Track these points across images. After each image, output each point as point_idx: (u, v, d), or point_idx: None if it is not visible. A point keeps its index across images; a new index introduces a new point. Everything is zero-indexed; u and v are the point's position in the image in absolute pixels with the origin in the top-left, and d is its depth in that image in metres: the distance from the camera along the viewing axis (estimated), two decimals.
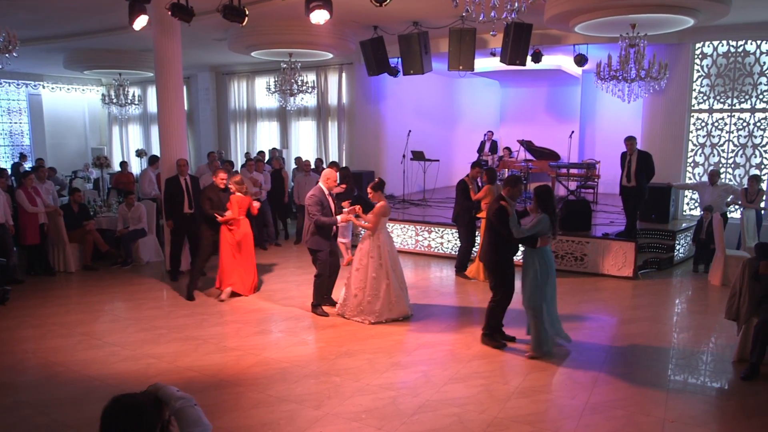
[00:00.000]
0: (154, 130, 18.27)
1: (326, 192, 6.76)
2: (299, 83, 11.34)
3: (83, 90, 18.62)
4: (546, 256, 5.65)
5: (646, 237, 9.34)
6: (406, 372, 5.26)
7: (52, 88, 18.09)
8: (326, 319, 6.69)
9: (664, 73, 8.11)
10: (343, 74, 14.07)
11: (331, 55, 11.42)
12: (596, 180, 12.31)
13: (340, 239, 8.65)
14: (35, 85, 17.90)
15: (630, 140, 8.53)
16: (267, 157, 13.29)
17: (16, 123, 17.94)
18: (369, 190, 6.75)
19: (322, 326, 6.48)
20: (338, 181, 9.23)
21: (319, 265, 6.81)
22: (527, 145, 13.31)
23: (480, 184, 8.64)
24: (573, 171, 12.58)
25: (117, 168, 15.15)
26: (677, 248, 9.34)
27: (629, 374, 5.20)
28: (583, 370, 5.26)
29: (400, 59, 10.67)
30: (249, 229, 7.74)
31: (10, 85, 17.49)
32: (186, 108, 17.05)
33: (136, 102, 14.70)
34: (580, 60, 10.40)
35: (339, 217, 6.74)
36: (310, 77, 13.19)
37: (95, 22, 10.46)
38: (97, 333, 6.33)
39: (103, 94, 15.52)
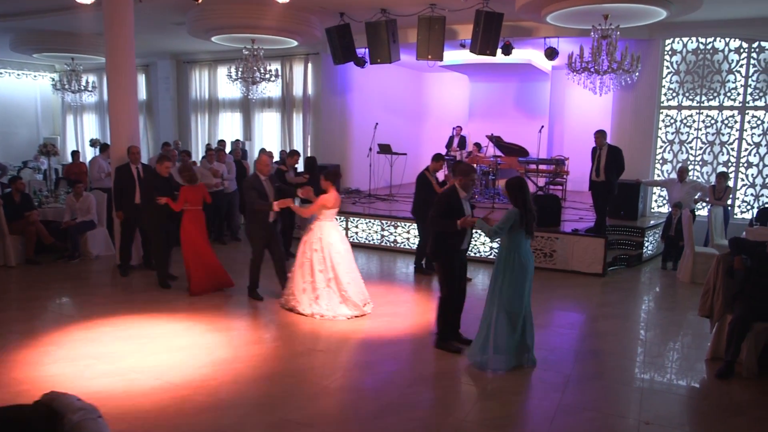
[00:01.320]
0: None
1: (262, 178, 6.72)
2: (262, 71, 10.86)
3: (35, 76, 17.70)
4: (523, 254, 4.92)
5: (615, 234, 9.21)
6: (367, 373, 4.92)
7: (0, 74, 17.15)
8: (284, 315, 6.30)
9: (636, 66, 7.95)
10: (309, 64, 13.64)
11: (295, 43, 10.98)
12: (565, 176, 12.18)
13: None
14: None
15: (599, 134, 8.36)
16: (229, 148, 12.77)
17: None
18: (321, 177, 6.50)
19: (280, 324, 6.09)
20: (304, 170, 8.90)
21: (253, 250, 6.83)
22: (496, 141, 13.09)
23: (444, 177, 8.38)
24: (542, 167, 12.41)
25: (68, 157, 14.39)
26: (646, 245, 9.24)
27: (601, 374, 4.97)
28: (553, 370, 5.00)
29: (367, 50, 10.33)
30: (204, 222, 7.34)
31: None
32: (145, 97, 16.49)
33: (90, 89, 13.98)
34: (551, 53, 10.23)
35: (275, 203, 6.52)
36: (275, 67, 12.71)
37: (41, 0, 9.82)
38: (33, 331, 5.79)
39: (53, 79, 14.70)
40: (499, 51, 9.99)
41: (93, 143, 13.67)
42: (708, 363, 5.25)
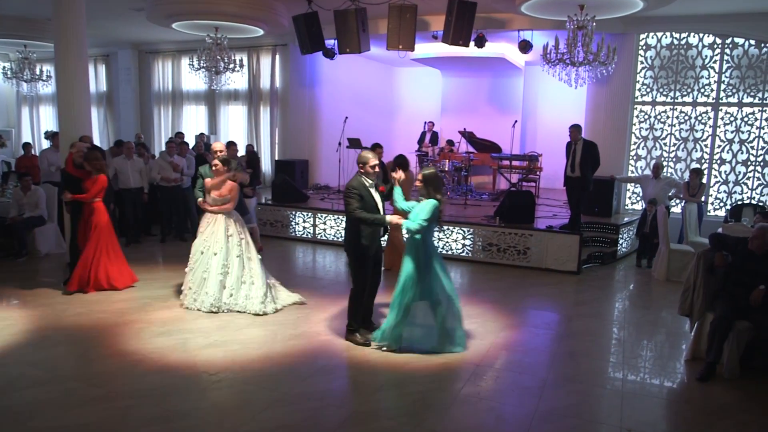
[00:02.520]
0: None
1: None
2: (226, 60, 10.38)
3: (3, 67, 16.81)
4: (430, 244, 5.11)
5: (589, 230, 9.01)
6: (330, 378, 4.55)
7: None
8: (246, 318, 5.88)
9: (612, 57, 7.74)
10: (277, 56, 13.19)
11: (261, 32, 10.53)
12: (538, 173, 11.98)
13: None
14: None
15: (574, 128, 8.13)
16: (194, 142, 12.24)
17: None
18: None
19: (239, 326, 5.66)
20: (245, 165, 8.52)
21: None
22: (469, 137, 12.86)
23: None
24: (515, 163, 12.21)
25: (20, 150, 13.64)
26: (620, 242, 9.06)
27: (579, 377, 4.69)
28: (528, 373, 4.71)
29: (336, 41, 9.93)
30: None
31: None
32: (105, 88, 15.80)
33: (44, 79, 13.26)
34: (525, 46, 9.98)
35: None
36: (240, 57, 12.19)
37: None
38: None
39: (4, 67, 13.91)
40: (472, 44, 9.71)
41: (48, 135, 12.96)
42: (688, 364, 5.02)
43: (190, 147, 11.12)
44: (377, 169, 5.18)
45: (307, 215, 10.04)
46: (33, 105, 17.06)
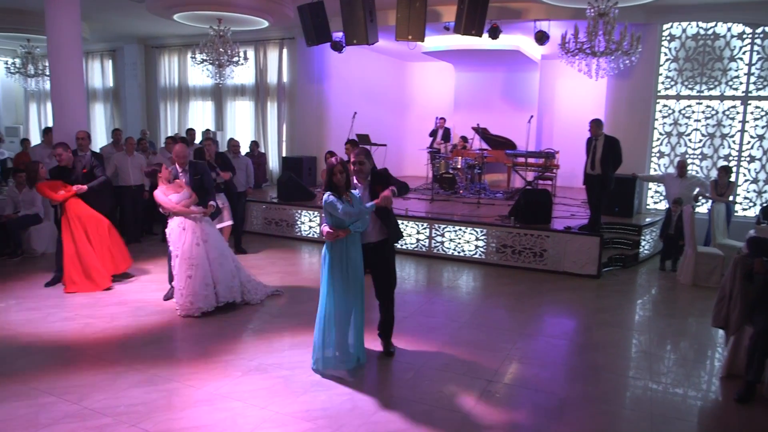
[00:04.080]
0: None
1: (179, 170, 6.05)
2: (229, 53, 10.00)
3: (6, 62, 16.64)
4: (343, 248, 4.41)
5: (610, 231, 8.51)
6: (329, 395, 4.14)
7: None
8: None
9: (636, 46, 7.24)
10: (284, 50, 12.80)
11: (266, 24, 10.14)
12: (555, 171, 11.48)
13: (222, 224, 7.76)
14: None
15: (595, 123, 7.63)
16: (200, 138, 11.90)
17: None
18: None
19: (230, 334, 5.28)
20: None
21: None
22: (482, 133, 12.38)
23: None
24: (531, 160, 11.71)
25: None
26: (643, 244, 8.56)
27: (602, 395, 4.23)
28: (546, 390, 4.26)
29: (343, 33, 9.52)
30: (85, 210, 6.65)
31: None
32: (111, 84, 15.53)
33: (48, 74, 12.97)
34: (541, 37, 9.48)
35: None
36: (244, 50, 11.81)
37: None
38: None
39: (7, 62, 13.68)
40: (485, 36, 9.25)
41: (45, 131, 12.70)
42: (723, 381, 4.55)
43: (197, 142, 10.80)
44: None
45: (314, 214, 9.66)
46: (40, 101, 16.85)
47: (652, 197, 10.02)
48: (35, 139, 15.50)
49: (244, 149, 12.50)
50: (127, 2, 10.21)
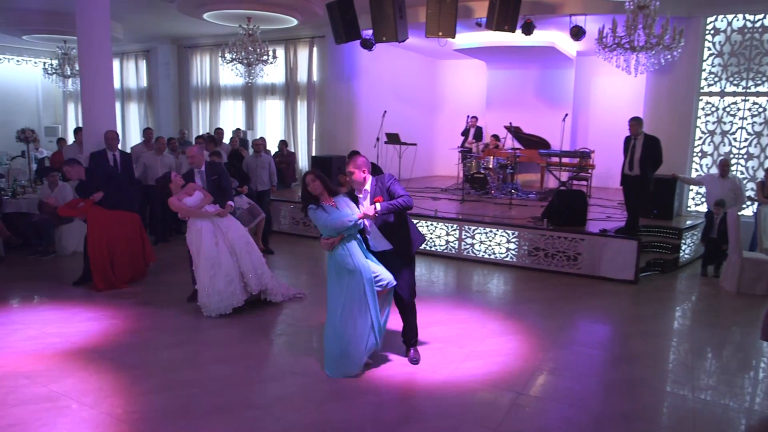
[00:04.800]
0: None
1: (195, 172, 6.09)
2: (259, 52, 9.95)
3: (35, 63, 17.06)
4: (337, 256, 4.33)
5: (648, 235, 8.15)
6: (350, 405, 3.97)
7: (0, 59, 16.53)
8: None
9: (678, 41, 6.88)
10: (314, 48, 12.71)
11: (295, 21, 10.06)
12: (590, 171, 11.11)
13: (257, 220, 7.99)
14: None
15: (635, 122, 7.28)
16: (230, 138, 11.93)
17: None
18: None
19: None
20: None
21: None
22: (515, 132, 12.10)
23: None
24: (565, 160, 11.36)
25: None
26: (683, 248, 8.17)
27: (640, 413, 3.96)
28: (579, 406, 4.02)
29: (372, 31, 9.37)
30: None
31: None
32: (145, 84, 15.72)
33: None
34: (577, 32, 9.14)
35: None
36: (273, 48, 11.78)
37: None
38: None
39: (45, 63, 13.97)
40: (519, 32, 8.98)
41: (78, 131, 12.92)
42: None
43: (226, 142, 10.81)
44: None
45: None
46: (77, 101, 17.15)
47: (693, 199, 9.58)
48: (72, 139, 15.79)
49: (273, 148, 12.53)
50: (159, 2, 10.26)
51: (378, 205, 4.22)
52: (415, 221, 8.62)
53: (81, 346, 4.89)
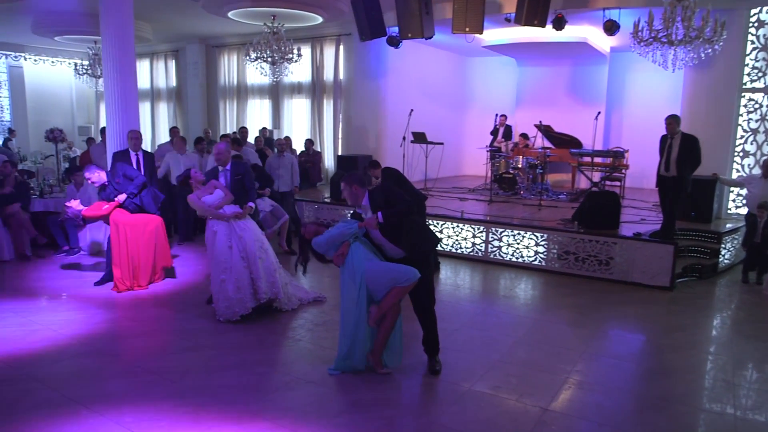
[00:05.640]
0: (142, 108, 16.96)
1: (220, 170, 5.93)
2: (283, 50, 9.85)
3: (69, 63, 17.35)
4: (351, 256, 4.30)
5: (685, 239, 7.78)
6: (366, 418, 3.80)
7: (35, 60, 16.85)
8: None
9: (720, 34, 6.50)
10: (341, 46, 12.58)
11: (320, 19, 9.94)
12: (624, 171, 10.72)
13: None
14: (16, 57, 16.67)
15: (672, 120, 6.92)
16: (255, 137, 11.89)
17: None
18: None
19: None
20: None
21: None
22: (545, 131, 11.76)
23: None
24: (597, 160, 10.98)
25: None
26: (723, 253, 7.77)
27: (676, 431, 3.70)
28: (610, 425, 3.75)
29: (398, 27, 9.18)
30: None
31: None
32: (174, 84, 15.84)
33: None
34: (611, 27, 8.77)
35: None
36: (297, 46, 11.69)
37: None
38: None
39: (76, 63, 14.17)
40: (549, 26, 8.67)
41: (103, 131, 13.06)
42: None
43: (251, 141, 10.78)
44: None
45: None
46: None
47: (733, 201, 9.12)
48: (93, 137, 16.02)
49: (300, 147, 12.45)
50: (186, 2, 10.25)
51: (379, 215, 4.22)
52: (440, 222, 8.49)
53: (96, 349, 4.83)
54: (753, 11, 8.59)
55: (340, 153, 12.74)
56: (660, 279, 6.94)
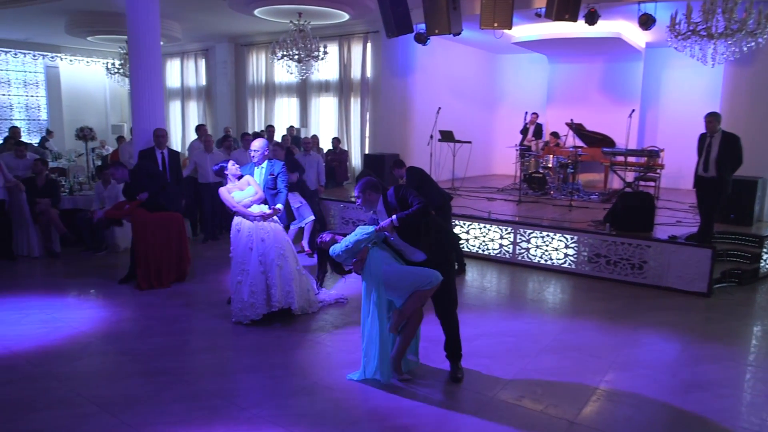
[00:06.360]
0: (173, 107, 17.19)
1: (255, 168, 5.85)
2: (309, 48, 9.78)
3: (103, 63, 17.65)
4: (369, 261, 4.15)
5: (724, 242, 7.42)
6: (382, 428, 3.67)
7: (71, 60, 17.20)
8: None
9: (764, 27, 6.16)
10: (368, 44, 12.47)
11: (347, 16, 9.83)
12: (659, 171, 10.34)
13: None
14: (53, 57, 17.06)
15: (712, 117, 6.59)
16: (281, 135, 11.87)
17: (32, 96, 17.18)
18: None
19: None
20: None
21: None
22: (577, 129, 11.43)
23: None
24: (631, 159, 10.62)
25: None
26: (764, 257, 7.39)
27: None
28: None
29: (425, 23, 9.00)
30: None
31: (26, 56, 16.71)
32: (204, 82, 15.97)
33: None
34: (646, 21, 8.42)
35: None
36: (333, 49, 11.61)
37: None
38: None
39: (107, 63, 14.40)
40: (581, 21, 8.38)
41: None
42: None
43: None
44: None
45: None
46: None
47: None
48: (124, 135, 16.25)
49: (327, 146, 12.39)
50: (214, 0, 10.25)
51: (395, 218, 4.07)
52: (467, 223, 8.30)
53: (115, 348, 4.82)
54: None
55: (367, 151, 12.63)
56: (697, 284, 6.63)
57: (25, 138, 13.83)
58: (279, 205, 5.71)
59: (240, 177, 5.66)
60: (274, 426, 3.60)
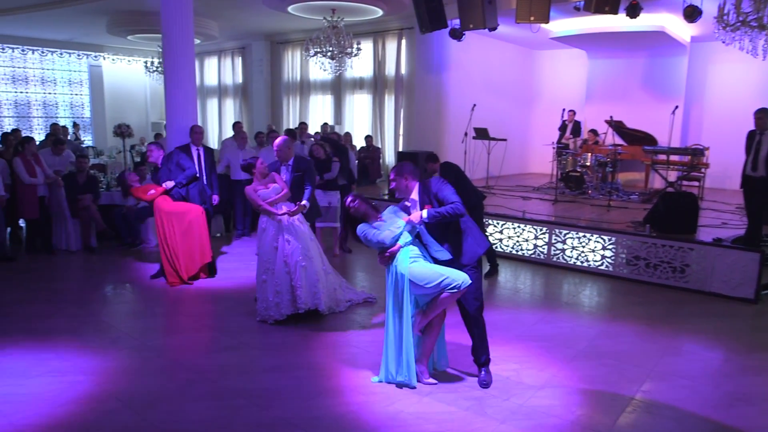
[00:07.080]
0: (210, 104, 17.43)
1: (282, 165, 5.82)
2: (342, 44, 9.72)
3: (144, 62, 18.03)
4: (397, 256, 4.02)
5: None
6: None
7: (113, 60, 17.65)
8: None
9: None
10: (403, 41, 12.36)
11: (380, 12, 9.74)
12: (703, 170, 9.92)
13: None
14: (96, 56, 17.53)
15: (762, 114, 6.24)
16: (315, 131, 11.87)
17: (76, 95, 17.68)
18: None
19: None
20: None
21: None
22: (617, 127, 11.07)
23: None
24: (674, 158, 10.22)
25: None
26: None
27: None
28: None
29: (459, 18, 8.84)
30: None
31: (71, 56, 17.20)
32: (240, 80, 16.14)
33: None
34: (692, 13, 8.05)
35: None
36: (367, 45, 11.51)
37: None
38: None
39: (146, 62, 14.70)
40: (622, 14, 8.07)
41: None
42: None
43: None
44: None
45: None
46: None
47: None
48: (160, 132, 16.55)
49: (361, 143, 12.33)
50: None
51: (425, 212, 3.89)
52: (500, 222, 8.11)
53: (141, 344, 4.83)
54: None
55: (400, 149, 12.52)
56: (743, 290, 6.29)
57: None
58: (304, 202, 5.67)
59: (266, 174, 5.62)
60: (294, 428, 3.53)
